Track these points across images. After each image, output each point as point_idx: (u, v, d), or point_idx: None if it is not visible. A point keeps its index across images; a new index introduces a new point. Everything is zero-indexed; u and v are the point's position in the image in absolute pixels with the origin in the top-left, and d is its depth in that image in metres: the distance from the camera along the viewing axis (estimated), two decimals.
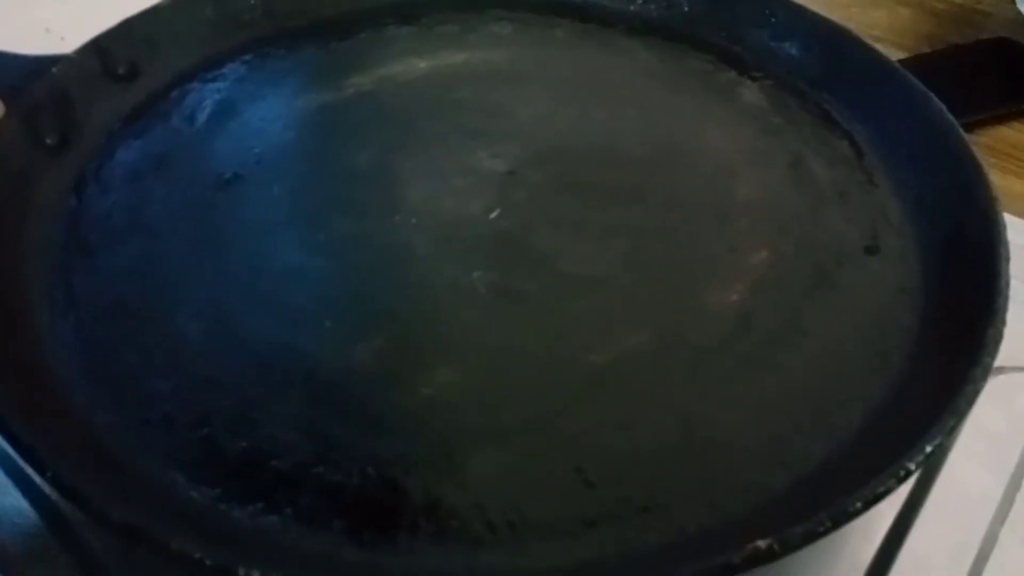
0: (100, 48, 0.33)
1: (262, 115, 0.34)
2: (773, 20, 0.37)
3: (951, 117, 0.30)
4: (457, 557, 0.21)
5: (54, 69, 0.31)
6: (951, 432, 0.21)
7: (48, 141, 0.30)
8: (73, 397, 0.24)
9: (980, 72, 0.50)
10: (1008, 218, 0.26)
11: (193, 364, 0.25)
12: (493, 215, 0.30)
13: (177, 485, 0.22)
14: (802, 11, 0.36)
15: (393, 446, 0.23)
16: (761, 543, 0.19)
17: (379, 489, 0.22)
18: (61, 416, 0.23)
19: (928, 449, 0.21)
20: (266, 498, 0.22)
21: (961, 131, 0.29)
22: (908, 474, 0.21)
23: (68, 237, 0.29)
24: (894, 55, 0.51)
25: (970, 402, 0.22)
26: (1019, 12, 0.52)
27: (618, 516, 0.22)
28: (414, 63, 0.37)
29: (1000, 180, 0.29)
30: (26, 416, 0.21)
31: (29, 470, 0.20)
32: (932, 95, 0.31)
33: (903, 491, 0.28)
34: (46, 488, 0.21)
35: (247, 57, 0.36)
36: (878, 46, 0.53)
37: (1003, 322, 0.24)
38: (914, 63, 0.48)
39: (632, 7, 0.40)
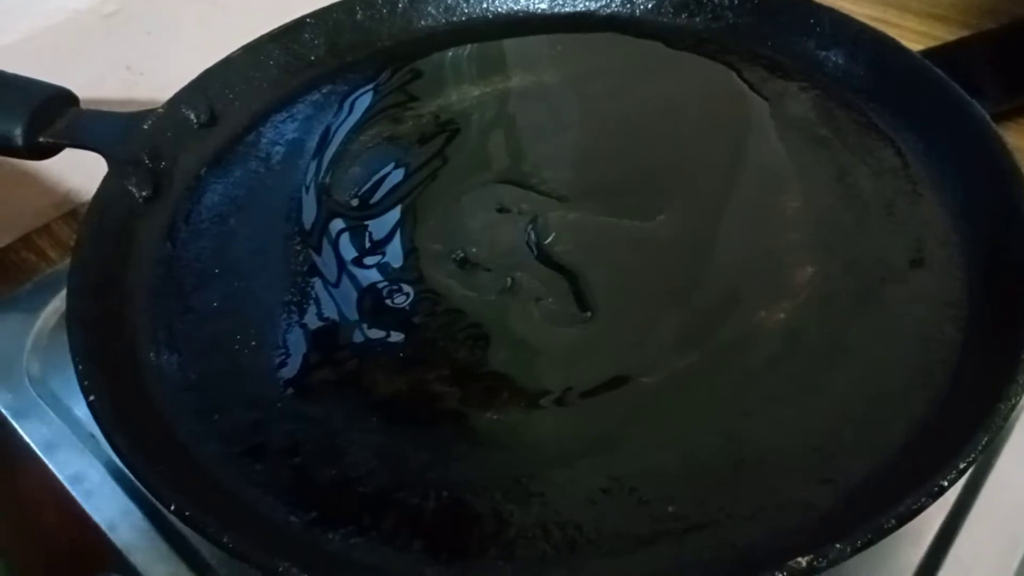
0: (184, 100, 0.35)
1: (329, 152, 0.36)
2: (819, 29, 0.37)
3: (994, 127, 0.30)
4: (525, 573, 0.23)
5: (145, 126, 0.34)
6: (986, 448, 0.23)
7: (144, 193, 0.33)
8: (179, 430, 0.27)
9: None
10: None
11: (280, 396, 0.28)
12: (548, 240, 0.32)
13: (276, 510, 0.25)
14: (847, 19, 0.37)
15: (464, 470, 0.25)
16: (802, 560, 0.21)
17: (453, 511, 0.25)
18: (172, 449, 0.26)
19: (962, 466, 0.22)
20: (354, 522, 0.24)
21: (1005, 142, 0.30)
22: (942, 491, 0.22)
23: (166, 281, 0.32)
24: (958, 33, 0.50)
25: (1006, 418, 0.23)
26: None
27: (671, 533, 0.23)
28: (467, 90, 0.39)
29: None
30: (145, 453, 0.24)
31: (155, 501, 0.23)
32: (976, 104, 0.31)
33: (952, 494, 0.29)
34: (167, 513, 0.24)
35: (314, 95, 0.39)
36: (940, 25, 0.53)
37: None
38: (981, 40, 0.47)
39: (678, 21, 0.41)
